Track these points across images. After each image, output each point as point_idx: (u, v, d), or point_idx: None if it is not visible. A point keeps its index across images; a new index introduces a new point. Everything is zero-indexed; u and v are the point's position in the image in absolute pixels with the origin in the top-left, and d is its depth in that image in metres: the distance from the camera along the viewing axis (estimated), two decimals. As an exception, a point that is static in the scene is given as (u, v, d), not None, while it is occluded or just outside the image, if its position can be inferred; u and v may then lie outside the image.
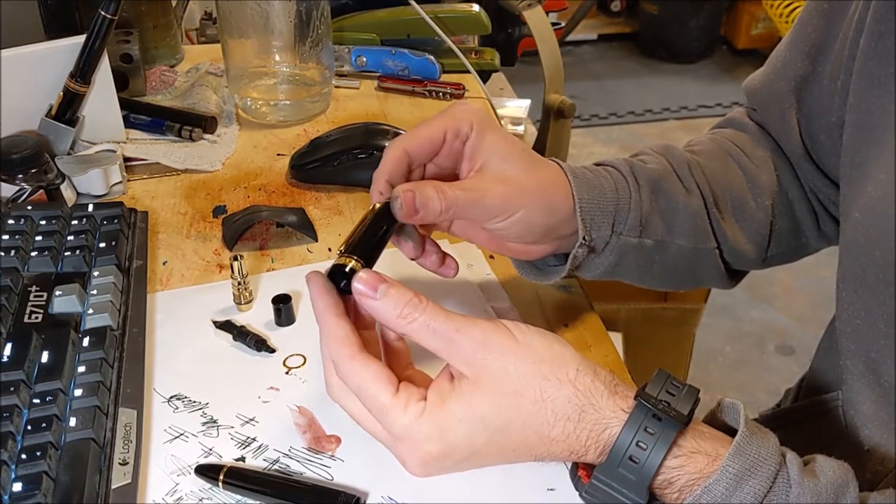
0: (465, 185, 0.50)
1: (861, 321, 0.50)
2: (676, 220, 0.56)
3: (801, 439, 0.62)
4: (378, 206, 0.48)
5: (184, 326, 0.58)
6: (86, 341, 0.52)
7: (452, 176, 0.53)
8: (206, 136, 0.82)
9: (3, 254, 0.58)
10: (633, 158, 0.59)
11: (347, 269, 0.44)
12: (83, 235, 0.62)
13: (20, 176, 0.68)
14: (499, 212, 0.51)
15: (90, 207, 0.66)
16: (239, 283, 0.58)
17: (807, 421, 0.61)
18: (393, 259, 0.53)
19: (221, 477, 0.45)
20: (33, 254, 0.60)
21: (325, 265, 0.63)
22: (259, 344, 0.55)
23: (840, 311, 0.52)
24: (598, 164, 0.57)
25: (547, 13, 1.10)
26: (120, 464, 0.46)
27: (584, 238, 0.53)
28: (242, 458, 0.48)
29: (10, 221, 0.62)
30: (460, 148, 0.52)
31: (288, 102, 0.87)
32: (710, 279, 0.62)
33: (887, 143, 0.48)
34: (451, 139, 0.51)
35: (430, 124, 0.51)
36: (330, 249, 0.66)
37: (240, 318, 0.58)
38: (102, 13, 0.72)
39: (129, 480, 0.45)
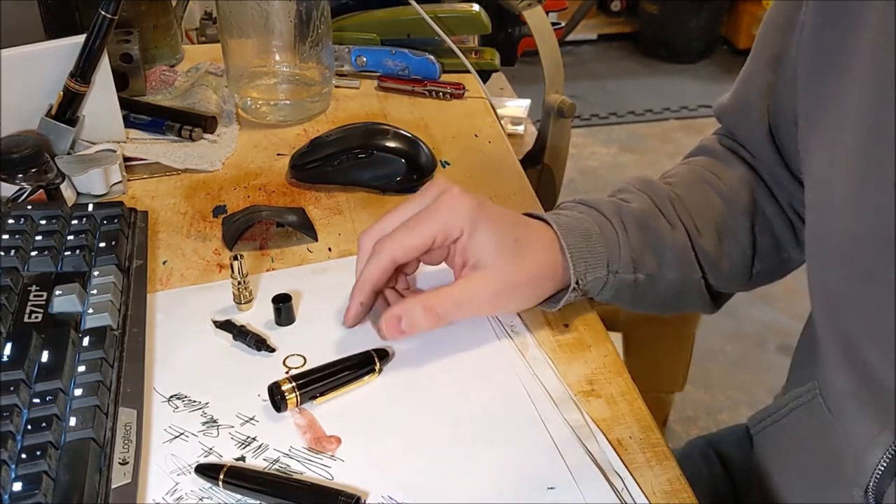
0: (454, 294, 0.53)
1: (828, 298, 0.52)
2: (665, 255, 0.59)
3: (783, 436, 0.63)
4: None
5: (184, 326, 0.58)
6: (86, 341, 0.52)
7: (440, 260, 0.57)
8: (206, 135, 0.82)
9: (3, 253, 0.58)
10: (617, 198, 0.60)
11: (279, 389, 0.50)
12: (83, 235, 0.62)
13: (20, 175, 0.68)
14: (489, 311, 0.55)
15: (90, 207, 0.66)
16: (239, 283, 0.58)
17: (787, 417, 0.62)
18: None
19: (221, 476, 0.45)
20: (33, 253, 0.60)
21: (326, 265, 0.64)
22: (259, 343, 0.55)
23: (812, 295, 0.54)
24: (581, 203, 0.59)
25: (547, 13, 1.10)
26: (120, 463, 0.46)
27: (576, 283, 0.55)
28: (242, 458, 0.48)
29: (10, 221, 0.62)
30: (450, 246, 0.54)
31: (288, 102, 0.87)
32: (694, 307, 0.64)
33: (825, 127, 0.50)
34: (441, 242, 0.53)
35: (418, 231, 0.53)
36: (330, 249, 0.66)
37: (240, 318, 0.58)
38: (102, 13, 0.72)
39: (129, 480, 0.45)
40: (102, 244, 0.62)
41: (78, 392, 0.48)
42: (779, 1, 0.59)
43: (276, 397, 0.50)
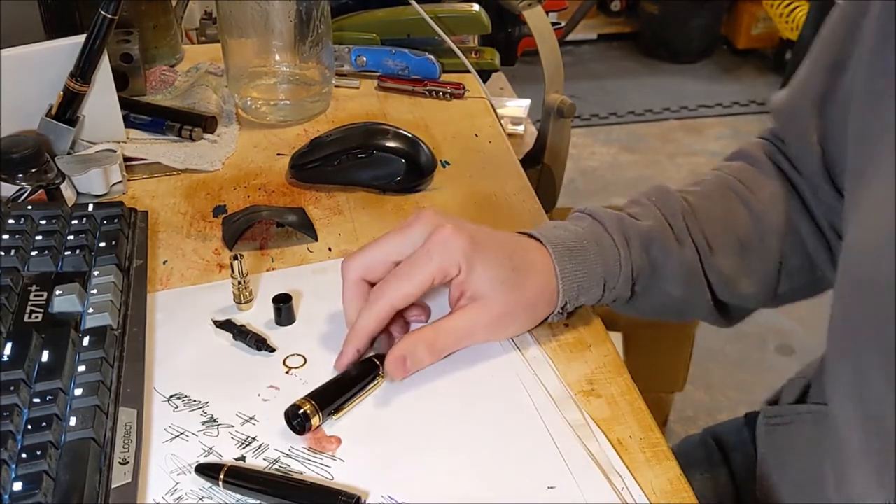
0: (453, 328, 0.53)
1: (851, 334, 0.49)
2: (668, 272, 0.58)
3: (787, 438, 0.62)
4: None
5: (184, 326, 0.58)
6: (86, 341, 0.52)
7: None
8: (206, 135, 0.82)
9: (3, 253, 0.58)
10: (625, 212, 0.59)
11: (300, 411, 0.48)
12: (83, 235, 0.62)
13: (20, 175, 0.68)
14: (487, 340, 0.55)
15: (90, 207, 0.66)
16: (239, 283, 0.58)
17: (795, 423, 0.61)
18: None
19: (222, 476, 0.45)
20: (33, 253, 0.60)
21: (326, 265, 0.64)
22: (259, 343, 0.55)
23: (832, 324, 0.52)
24: (589, 214, 0.58)
25: (547, 13, 1.10)
26: (120, 463, 0.46)
27: (561, 308, 0.55)
28: (243, 458, 0.48)
29: (10, 221, 0.62)
30: (448, 283, 0.54)
31: (288, 102, 0.87)
32: (702, 319, 0.63)
33: (884, 156, 0.47)
34: (438, 283, 0.53)
35: (416, 277, 0.52)
36: (330, 249, 0.66)
37: (240, 318, 0.58)
38: (102, 13, 0.72)
39: (129, 480, 0.45)
40: (102, 244, 0.62)
41: (78, 392, 0.48)
42: (845, 2, 0.56)
43: (297, 420, 0.48)
